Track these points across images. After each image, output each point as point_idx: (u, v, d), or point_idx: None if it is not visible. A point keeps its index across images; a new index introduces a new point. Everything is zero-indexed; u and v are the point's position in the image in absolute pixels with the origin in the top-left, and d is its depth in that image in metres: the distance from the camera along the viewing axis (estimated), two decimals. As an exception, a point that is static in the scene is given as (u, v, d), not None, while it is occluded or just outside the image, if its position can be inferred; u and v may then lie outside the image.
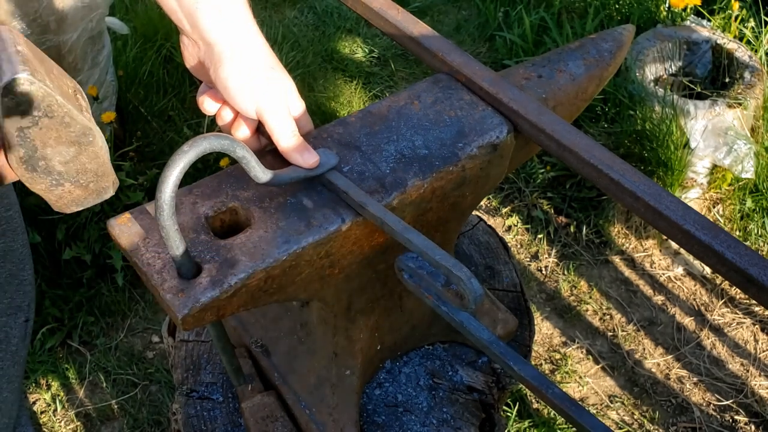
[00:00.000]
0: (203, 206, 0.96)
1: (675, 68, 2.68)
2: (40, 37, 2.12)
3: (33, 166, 0.75)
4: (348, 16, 3.40)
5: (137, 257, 0.91)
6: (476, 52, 3.21)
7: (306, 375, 1.26)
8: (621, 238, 2.53)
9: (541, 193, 2.64)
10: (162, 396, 2.14)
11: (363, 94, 3.05)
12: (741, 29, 2.80)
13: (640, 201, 0.97)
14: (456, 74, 1.17)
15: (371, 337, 1.23)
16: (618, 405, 2.15)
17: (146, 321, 2.30)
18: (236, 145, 0.86)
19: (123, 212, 0.96)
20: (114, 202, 2.35)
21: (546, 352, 2.28)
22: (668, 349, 2.28)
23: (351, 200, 0.97)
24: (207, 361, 1.40)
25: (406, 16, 1.26)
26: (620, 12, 3.00)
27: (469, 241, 1.60)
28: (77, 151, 0.76)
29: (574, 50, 1.27)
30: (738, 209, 2.51)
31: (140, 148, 2.62)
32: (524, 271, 2.47)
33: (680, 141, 2.37)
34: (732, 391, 2.18)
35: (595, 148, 1.04)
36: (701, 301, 2.39)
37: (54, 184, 0.77)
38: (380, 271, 1.12)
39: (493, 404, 1.35)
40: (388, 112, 1.11)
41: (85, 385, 2.16)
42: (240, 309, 0.93)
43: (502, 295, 1.52)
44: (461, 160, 1.05)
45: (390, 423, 1.30)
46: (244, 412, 1.27)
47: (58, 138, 0.74)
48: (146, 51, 2.89)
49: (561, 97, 1.21)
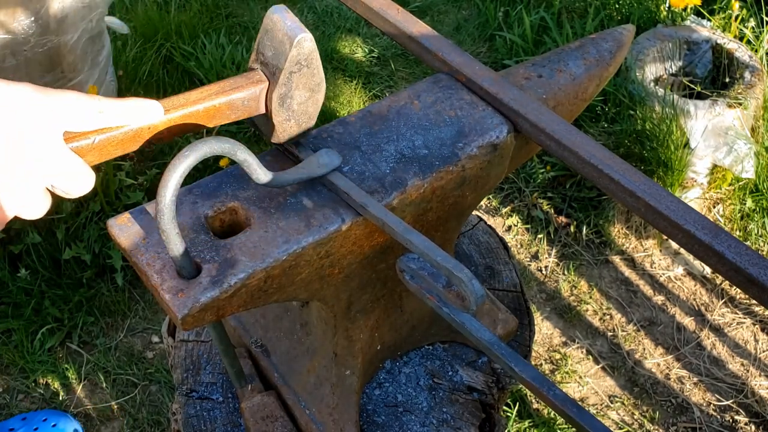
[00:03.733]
0: (203, 206, 0.96)
1: (675, 68, 2.68)
2: (41, 37, 2.12)
3: (283, 101, 0.96)
4: (348, 16, 3.40)
5: (137, 257, 0.91)
6: (476, 52, 3.21)
7: (306, 375, 1.26)
8: (621, 238, 2.53)
9: (541, 193, 2.64)
10: (162, 396, 2.14)
11: (363, 94, 3.05)
12: (741, 29, 2.80)
13: (640, 201, 0.97)
14: (456, 74, 1.17)
15: (371, 337, 1.23)
16: (618, 405, 2.15)
17: (146, 321, 2.30)
18: (237, 148, 0.86)
19: (123, 212, 0.96)
20: (114, 202, 2.35)
21: (546, 352, 2.28)
22: (668, 349, 2.28)
23: (352, 201, 0.96)
24: (207, 361, 1.40)
25: (406, 15, 1.25)
26: (620, 12, 3.00)
27: (469, 241, 1.60)
28: (309, 96, 0.98)
29: (574, 50, 1.27)
30: (738, 209, 2.51)
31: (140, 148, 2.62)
32: (524, 271, 2.47)
33: (680, 141, 2.37)
34: (732, 391, 2.18)
35: (595, 147, 1.04)
36: (701, 301, 2.39)
37: (286, 119, 0.98)
38: (380, 271, 1.12)
39: (493, 404, 1.35)
40: (388, 111, 1.11)
41: (84, 385, 2.16)
42: (240, 309, 0.93)
43: (502, 295, 1.52)
44: (461, 159, 1.05)
45: (390, 423, 1.30)
46: (244, 412, 1.27)
47: (305, 83, 0.96)
48: (146, 51, 2.89)
49: (561, 97, 1.21)
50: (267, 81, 0.96)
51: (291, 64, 0.93)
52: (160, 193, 0.80)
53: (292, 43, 0.91)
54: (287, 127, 0.99)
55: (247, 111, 0.96)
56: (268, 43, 0.94)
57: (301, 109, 0.99)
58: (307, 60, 0.94)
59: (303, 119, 1.00)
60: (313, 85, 0.97)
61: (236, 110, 0.95)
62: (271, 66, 0.95)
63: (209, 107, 0.92)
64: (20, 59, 2.11)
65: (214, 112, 0.93)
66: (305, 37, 0.92)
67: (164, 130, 0.91)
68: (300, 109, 0.98)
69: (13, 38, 2.06)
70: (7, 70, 2.09)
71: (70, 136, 0.83)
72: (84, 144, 0.85)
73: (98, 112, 0.84)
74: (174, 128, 0.92)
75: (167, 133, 0.92)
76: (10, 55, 2.09)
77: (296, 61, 0.93)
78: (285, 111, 0.97)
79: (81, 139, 0.84)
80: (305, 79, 0.96)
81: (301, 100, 0.97)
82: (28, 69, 2.15)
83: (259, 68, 0.96)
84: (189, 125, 0.92)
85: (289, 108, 0.97)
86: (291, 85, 0.95)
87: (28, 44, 2.10)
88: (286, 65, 0.93)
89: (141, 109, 0.89)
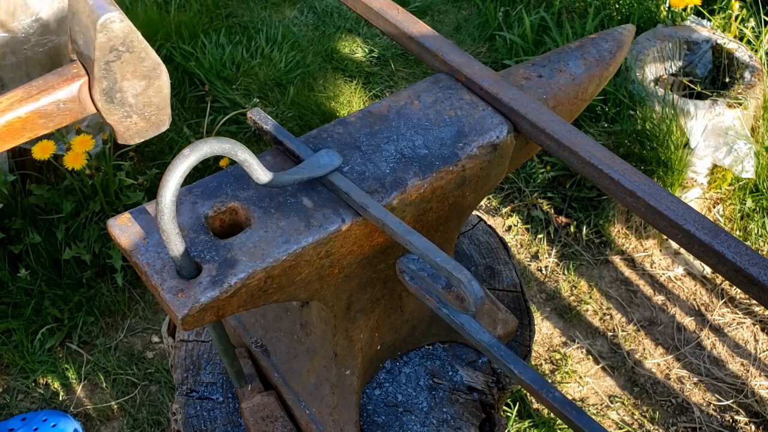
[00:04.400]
0: (203, 206, 0.96)
1: (675, 68, 2.68)
2: (41, 37, 2.12)
3: (111, 98, 0.82)
4: (348, 15, 3.40)
5: (137, 257, 0.91)
6: (476, 52, 3.21)
7: (306, 375, 1.26)
8: (621, 238, 2.53)
9: (541, 193, 2.64)
10: (162, 396, 2.14)
11: (363, 94, 3.05)
12: (741, 29, 2.80)
13: (640, 201, 0.97)
14: (456, 74, 1.17)
15: (371, 337, 1.23)
16: (618, 405, 2.15)
17: (146, 321, 2.30)
18: (238, 149, 0.86)
19: (123, 212, 0.96)
20: (114, 201, 2.35)
21: (546, 352, 2.28)
22: (668, 349, 2.28)
23: (353, 202, 0.96)
24: (207, 361, 1.40)
25: (406, 15, 1.25)
26: (620, 12, 3.00)
27: (469, 241, 1.60)
28: (146, 85, 0.83)
29: (574, 50, 1.27)
30: (738, 209, 2.51)
31: (140, 148, 2.62)
32: (524, 271, 2.47)
33: (680, 141, 2.36)
34: (732, 391, 2.18)
35: (595, 147, 1.04)
36: (701, 301, 2.39)
37: (125, 115, 0.84)
38: (380, 271, 1.12)
39: (493, 404, 1.35)
40: (388, 111, 1.11)
41: (84, 385, 2.16)
42: (240, 309, 0.93)
43: (502, 295, 1.52)
44: (461, 159, 1.05)
45: (390, 423, 1.30)
46: (244, 412, 1.27)
47: (134, 71, 0.81)
48: (146, 51, 2.89)
49: (561, 97, 1.21)
50: (86, 75, 0.81)
51: (103, 52, 0.77)
52: (160, 194, 0.80)
53: (96, 27, 0.75)
54: (130, 125, 0.85)
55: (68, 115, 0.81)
56: (77, 29, 0.79)
57: (141, 101, 0.84)
58: (125, 44, 0.78)
59: (149, 111, 0.86)
60: (147, 71, 0.82)
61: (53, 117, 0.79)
62: (85, 57, 0.80)
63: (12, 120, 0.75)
64: (20, 58, 2.11)
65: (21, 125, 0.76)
66: (111, 18, 0.75)
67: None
68: (139, 101, 0.84)
69: (13, 37, 2.06)
70: (6, 68, 2.10)
71: None
72: None
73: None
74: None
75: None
76: (10, 53, 2.09)
77: (109, 48, 0.77)
78: (118, 107, 0.83)
79: None
80: (132, 67, 0.81)
81: (137, 91, 0.83)
82: (27, 68, 2.15)
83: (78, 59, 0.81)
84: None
85: (123, 103, 0.83)
86: (114, 77, 0.80)
87: (28, 43, 2.10)
88: (96, 54, 0.77)
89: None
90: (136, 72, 0.82)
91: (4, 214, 2.26)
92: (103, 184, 2.31)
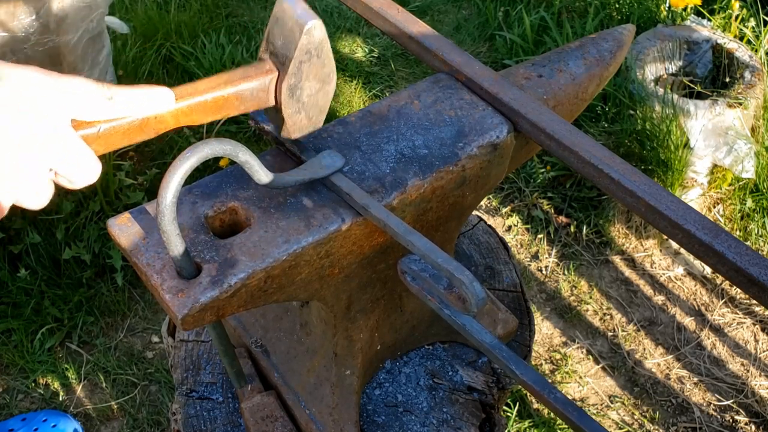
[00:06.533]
0: (203, 206, 0.96)
1: (675, 68, 2.68)
2: (41, 36, 2.12)
3: (293, 93, 0.93)
4: (348, 15, 3.40)
5: (137, 257, 0.91)
6: (476, 52, 3.21)
7: (306, 375, 1.26)
8: (621, 238, 2.53)
9: (541, 193, 2.64)
10: (162, 396, 2.13)
11: (363, 93, 3.04)
12: (741, 29, 2.80)
13: (640, 201, 0.97)
14: (456, 74, 1.17)
15: (371, 337, 1.23)
16: (618, 405, 2.15)
17: (146, 321, 2.30)
18: (239, 150, 0.85)
19: (123, 212, 0.96)
20: (114, 201, 2.35)
21: (546, 352, 2.27)
22: (668, 349, 2.28)
23: (354, 203, 0.96)
24: (207, 361, 1.40)
25: (405, 15, 1.25)
26: (620, 11, 3.00)
27: (469, 241, 1.60)
28: (319, 88, 0.95)
29: (575, 50, 1.27)
30: (738, 209, 2.51)
31: (140, 148, 2.62)
32: (524, 271, 2.47)
33: (680, 141, 2.36)
34: (732, 391, 2.18)
35: (596, 147, 1.04)
36: (701, 301, 2.39)
37: (296, 111, 0.95)
38: (380, 271, 1.12)
39: (493, 404, 1.35)
40: (388, 111, 1.11)
41: (84, 385, 2.16)
42: (240, 309, 0.93)
43: (502, 295, 1.52)
44: (461, 159, 1.05)
45: (390, 423, 1.30)
46: (244, 412, 1.27)
47: (316, 74, 0.94)
48: (146, 51, 2.89)
49: (561, 96, 1.21)
50: (277, 71, 0.93)
51: (301, 52, 0.90)
52: (161, 194, 0.80)
53: (302, 31, 0.89)
54: (297, 121, 0.96)
55: (256, 102, 0.94)
56: (278, 32, 0.92)
57: (311, 102, 0.96)
58: (318, 49, 0.91)
59: (313, 112, 0.97)
60: (324, 76, 0.95)
61: (245, 101, 0.92)
62: (281, 56, 0.92)
63: (217, 97, 0.90)
64: (20, 57, 2.11)
65: (223, 102, 0.91)
66: (316, 24, 0.89)
67: (171, 121, 0.88)
68: (310, 101, 0.96)
69: (13, 36, 2.06)
70: (6, 68, 2.10)
71: (75, 125, 0.80)
72: (89, 133, 0.81)
73: (107, 98, 0.80)
74: (181, 118, 0.89)
75: (174, 123, 0.88)
76: (9, 52, 2.09)
77: (306, 50, 0.90)
78: (295, 103, 0.95)
79: (86, 128, 0.81)
80: (315, 69, 0.93)
81: (311, 92, 0.95)
82: (27, 68, 2.15)
83: (269, 58, 0.94)
84: (196, 116, 0.90)
85: (298, 100, 0.95)
86: (301, 76, 0.93)
87: (28, 42, 2.10)
88: (295, 54, 0.90)
89: (152, 97, 0.85)
90: (317, 75, 0.94)
91: (4, 214, 2.26)
92: (103, 184, 2.31)
